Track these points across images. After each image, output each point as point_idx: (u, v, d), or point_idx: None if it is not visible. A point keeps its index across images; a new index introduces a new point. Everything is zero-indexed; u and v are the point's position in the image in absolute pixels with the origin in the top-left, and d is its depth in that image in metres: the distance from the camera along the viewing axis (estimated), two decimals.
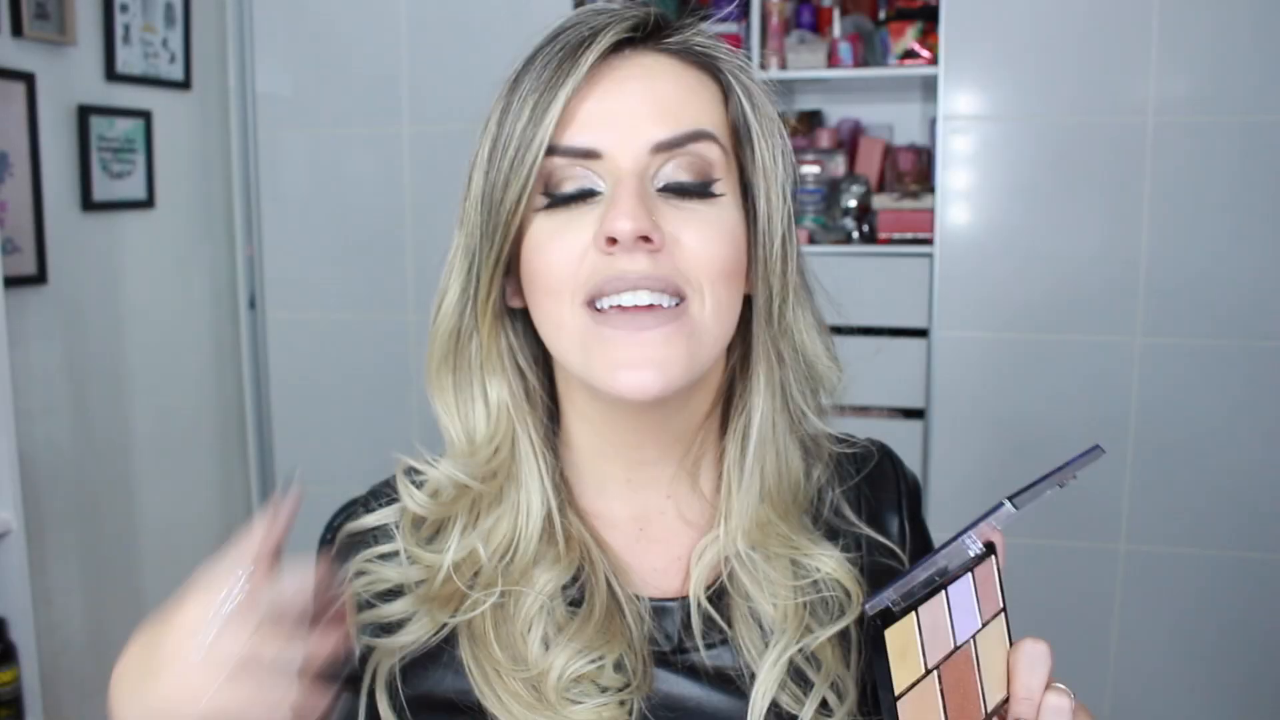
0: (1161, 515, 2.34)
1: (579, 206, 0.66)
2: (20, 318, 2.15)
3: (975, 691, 0.58)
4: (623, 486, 0.75)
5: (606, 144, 0.65)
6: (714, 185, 0.67)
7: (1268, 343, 2.25)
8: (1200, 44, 2.21)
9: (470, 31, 2.54)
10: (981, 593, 0.61)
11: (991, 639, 0.61)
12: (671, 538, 0.75)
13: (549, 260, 0.66)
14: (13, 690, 1.86)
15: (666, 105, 0.66)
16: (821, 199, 2.63)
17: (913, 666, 0.55)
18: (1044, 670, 0.59)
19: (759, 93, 0.70)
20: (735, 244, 0.67)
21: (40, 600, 1.98)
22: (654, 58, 0.68)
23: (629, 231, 0.61)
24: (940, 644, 0.57)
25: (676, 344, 0.64)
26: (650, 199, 0.64)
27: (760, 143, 0.69)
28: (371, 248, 2.70)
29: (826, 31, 2.65)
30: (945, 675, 0.57)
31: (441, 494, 0.72)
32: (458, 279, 0.70)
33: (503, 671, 0.67)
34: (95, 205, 2.39)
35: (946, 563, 0.58)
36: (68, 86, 2.31)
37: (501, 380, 0.72)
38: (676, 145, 0.65)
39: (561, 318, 0.66)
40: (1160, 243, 2.27)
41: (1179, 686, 2.39)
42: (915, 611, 0.55)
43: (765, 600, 0.70)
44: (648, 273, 0.63)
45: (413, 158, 2.64)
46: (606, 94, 0.66)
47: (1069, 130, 2.31)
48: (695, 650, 0.71)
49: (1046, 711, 0.58)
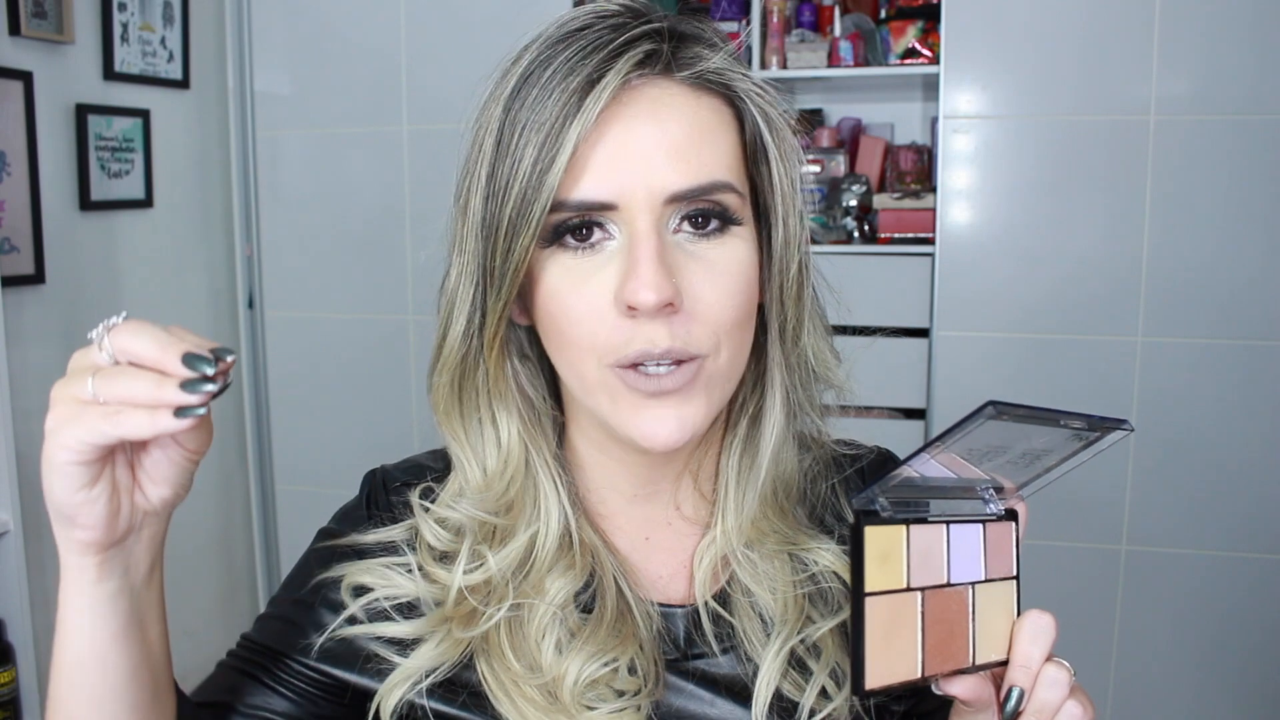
0: (1163, 515, 2.34)
1: (590, 255, 0.63)
2: (18, 317, 2.14)
3: (964, 638, 0.60)
4: (629, 501, 0.75)
5: (619, 194, 0.61)
6: (731, 222, 0.65)
7: (1268, 342, 2.25)
8: (1200, 43, 2.21)
9: (470, 31, 2.53)
10: (992, 550, 0.62)
11: (996, 599, 0.62)
12: (675, 545, 0.75)
13: (570, 316, 0.63)
14: (10, 691, 1.85)
15: (681, 149, 0.62)
16: (822, 198, 2.62)
17: (892, 576, 0.57)
18: (1046, 642, 0.59)
19: (778, 117, 0.67)
20: (750, 282, 0.65)
21: (38, 601, 1.97)
22: (663, 88, 0.63)
23: (653, 304, 0.60)
24: (930, 572, 0.59)
25: (697, 399, 0.64)
26: (667, 250, 0.62)
27: (778, 168, 0.67)
28: (371, 248, 2.69)
29: (827, 30, 2.64)
30: (931, 604, 0.58)
31: (462, 530, 0.72)
32: (462, 312, 0.67)
33: (520, 681, 0.67)
34: (93, 205, 2.38)
35: (945, 478, 0.59)
36: (66, 85, 2.31)
37: (511, 408, 0.71)
38: (693, 197, 0.62)
39: (584, 371, 0.65)
40: (1161, 242, 2.27)
41: (1180, 685, 2.38)
42: (907, 526, 0.57)
43: (766, 593, 0.71)
44: (669, 348, 0.61)
45: (412, 157, 2.63)
46: (615, 137, 0.61)
47: (1070, 129, 2.31)
48: (702, 657, 0.71)
49: (1043, 682, 0.59)
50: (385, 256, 2.67)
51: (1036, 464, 0.60)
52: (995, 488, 0.63)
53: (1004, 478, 0.62)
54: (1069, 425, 0.56)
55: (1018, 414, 0.53)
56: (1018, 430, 0.55)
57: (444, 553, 0.72)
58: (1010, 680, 0.59)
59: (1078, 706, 0.59)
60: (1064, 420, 0.56)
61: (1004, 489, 0.64)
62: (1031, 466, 0.61)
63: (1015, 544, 0.64)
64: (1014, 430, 0.55)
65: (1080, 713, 0.59)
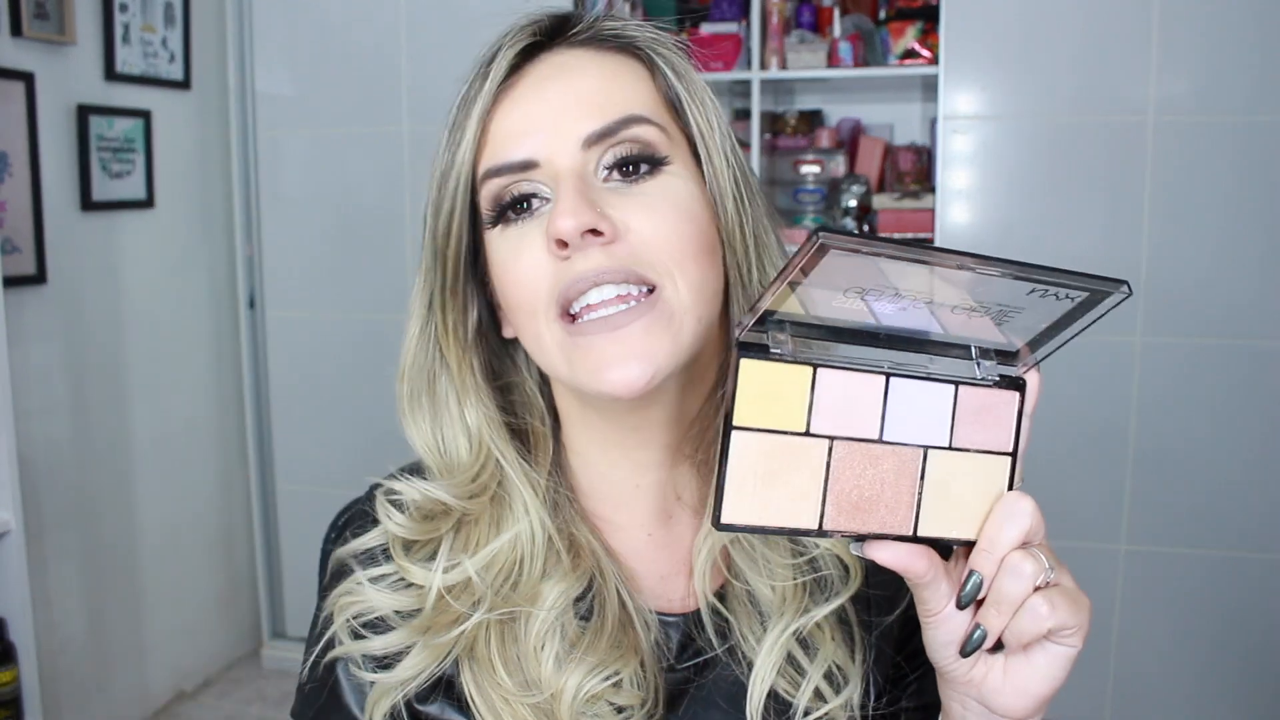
0: (1161, 515, 2.34)
1: (528, 220, 0.65)
2: (19, 318, 2.15)
3: (903, 504, 0.54)
4: (631, 493, 0.73)
5: (537, 150, 0.64)
6: (659, 161, 0.65)
7: (1268, 342, 2.25)
8: (1200, 43, 2.21)
9: (470, 31, 2.52)
10: (970, 417, 0.55)
11: (969, 471, 0.55)
12: (676, 542, 0.74)
13: (513, 279, 0.65)
14: (12, 690, 1.85)
15: (590, 97, 0.65)
16: (822, 198, 2.63)
17: (782, 417, 0.52)
18: (1017, 528, 0.53)
19: (679, 60, 0.69)
20: (694, 216, 0.65)
21: (39, 600, 1.98)
22: (568, 53, 0.67)
23: (572, 228, 0.60)
24: (850, 422, 0.53)
25: (656, 332, 0.62)
26: (595, 191, 0.63)
27: (692, 109, 0.68)
28: (371, 248, 2.70)
29: (827, 31, 2.65)
30: (844, 456, 0.53)
31: (422, 513, 0.70)
32: (417, 314, 0.71)
33: (511, 699, 0.65)
34: (94, 205, 2.39)
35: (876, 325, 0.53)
36: (67, 86, 2.31)
37: (478, 407, 0.70)
38: (609, 134, 0.64)
39: (539, 332, 0.65)
40: (1160, 242, 2.27)
41: (1179, 685, 2.39)
42: (814, 368, 0.52)
43: (763, 584, 0.70)
44: (604, 266, 0.61)
45: (412, 157, 2.64)
46: (526, 100, 0.65)
47: (1069, 130, 2.31)
48: (701, 666, 0.70)
49: (1006, 570, 0.52)
50: (385, 257, 2.68)
51: (1014, 325, 0.53)
52: (1002, 351, 0.56)
53: (1015, 338, 0.55)
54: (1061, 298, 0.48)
55: (848, 244, 0.45)
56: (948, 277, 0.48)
57: (410, 542, 0.70)
58: (971, 563, 0.53)
59: (1045, 605, 0.51)
60: (1047, 287, 0.49)
61: (1016, 354, 0.56)
62: (1011, 328, 0.54)
63: (1017, 417, 0.56)
64: (922, 275, 0.48)
65: (1047, 612, 0.51)
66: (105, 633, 2.43)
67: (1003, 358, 0.57)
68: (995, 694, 0.55)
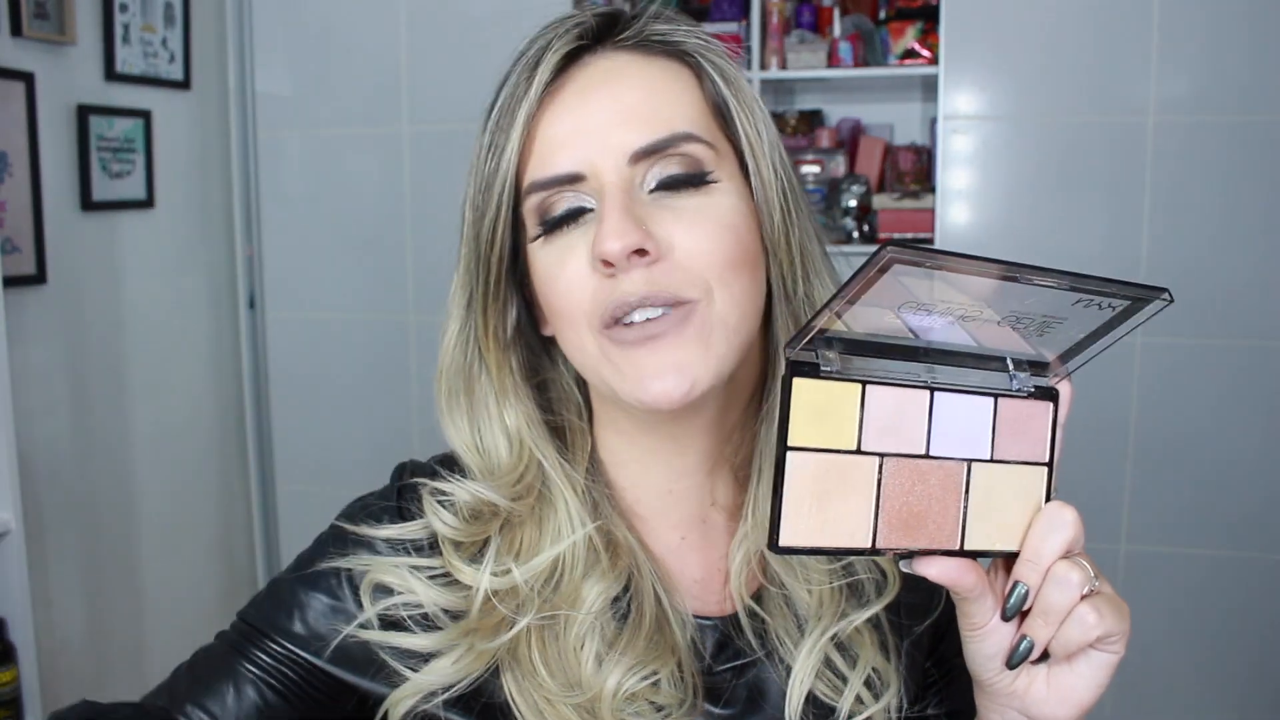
0: (1161, 515, 2.34)
1: (573, 230, 0.65)
2: (19, 318, 2.14)
3: (950, 519, 0.54)
4: (664, 498, 0.73)
5: (583, 163, 0.63)
6: (705, 178, 0.64)
7: (1268, 342, 2.25)
8: (1200, 44, 2.21)
9: (470, 31, 2.54)
10: (1010, 429, 0.56)
11: (1010, 483, 0.56)
12: (711, 546, 0.73)
13: (557, 291, 0.65)
14: (12, 690, 1.85)
15: (637, 109, 0.64)
16: (822, 199, 2.63)
17: (834, 435, 0.52)
18: (1061, 538, 0.53)
19: (729, 67, 0.68)
20: (736, 230, 0.64)
21: (39, 600, 1.98)
22: (614, 58, 0.66)
23: (618, 251, 0.60)
24: (899, 439, 0.53)
25: (693, 346, 0.62)
26: (642, 206, 0.63)
27: (740, 118, 0.67)
28: (371, 248, 2.70)
29: (827, 31, 2.65)
30: (894, 472, 0.53)
31: (471, 512, 0.69)
32: (456, 315, 0.70)
33: (554, 699, 0.65)
34: (94, 205, 2.39)
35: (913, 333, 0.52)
36: (67, 86, 2.31)
37: (517, 407, 0.71)
38: (656, 150, 0.63)
39: (581, 343, 0.65)
40: (1160, 242, 2.27)
41: (1179, 685, 2.38)
42: (863, 386, 0.52)
43: (800, 588, 0.69)
44: (646, 293, 0.61)
45: (412, 157, 2.64)
46: (572, 109, 0.64)
47: (1069, 130, 2.31)
48: (740, 669, 0.70)
49: (1052, 580, 0.52)
50: (385, 257, 2.68)
51: (1055, 335, 0.53)
52: (1034, 362, 0.57)
53: (1047, 350, 0.55)
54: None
55: (913, 256, 0.45)
56: (986, 287, 0.48)
57: (458, 542, 0.69)
58: (1015, 575, 0.53)
59: (1093, 613, 0.52)
60: (1089, 296, 0.49)
61: (1047, 365, 0.57)
62: (1050, 339, 0.54)
63: (1051, 428, 0.57)
64: (972, 285, 0.48)
65: (1095, 620, 0.52)
66: (105, 633, 2.43)
67: (1034, 368, 0.57)
68: (1040, 704, 0.55)
